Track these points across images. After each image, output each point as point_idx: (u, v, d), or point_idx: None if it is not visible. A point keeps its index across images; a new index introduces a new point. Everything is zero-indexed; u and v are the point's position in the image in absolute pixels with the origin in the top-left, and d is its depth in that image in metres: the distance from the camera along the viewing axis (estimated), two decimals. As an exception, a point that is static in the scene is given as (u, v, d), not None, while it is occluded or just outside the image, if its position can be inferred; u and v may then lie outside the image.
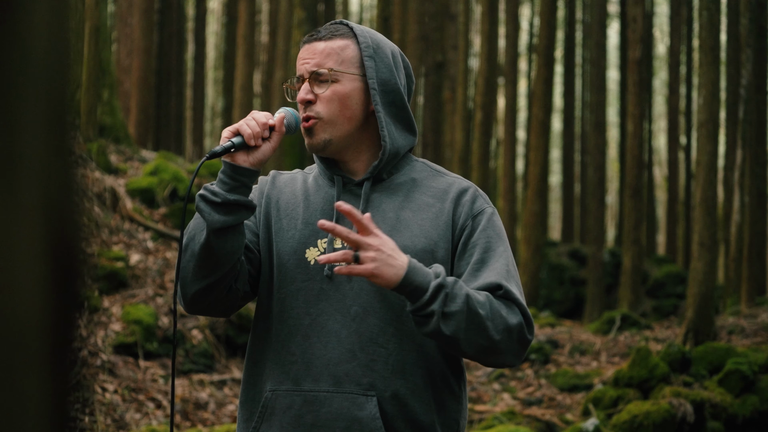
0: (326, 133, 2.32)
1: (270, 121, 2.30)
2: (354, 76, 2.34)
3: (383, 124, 2.33)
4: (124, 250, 8.87)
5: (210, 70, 30.05)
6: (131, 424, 6.71)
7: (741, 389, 7.64)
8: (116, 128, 12.62)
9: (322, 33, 2.36)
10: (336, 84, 2.32)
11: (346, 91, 2.32)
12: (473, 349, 2.20)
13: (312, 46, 2.35)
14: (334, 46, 2.34)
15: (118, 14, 16.81)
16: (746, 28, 12.49)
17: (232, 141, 2.27)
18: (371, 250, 2.10)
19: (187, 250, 2.28)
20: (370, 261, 2.10)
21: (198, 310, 2.35)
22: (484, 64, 16.04)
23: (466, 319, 2.16)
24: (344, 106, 2.32)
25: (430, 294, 2.13)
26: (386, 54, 2.38)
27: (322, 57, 2.33)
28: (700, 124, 9.46)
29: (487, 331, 2.18)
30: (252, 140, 2.26)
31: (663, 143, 31.58)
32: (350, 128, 2.34)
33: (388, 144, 2.34)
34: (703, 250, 9.17)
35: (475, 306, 2.17)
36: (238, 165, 2.26)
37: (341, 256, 2.12)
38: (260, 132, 2.27)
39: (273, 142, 2.30)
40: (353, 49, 2.35)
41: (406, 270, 2.12)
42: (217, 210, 2.23)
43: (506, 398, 8.64)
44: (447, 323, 2.15)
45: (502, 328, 2.21)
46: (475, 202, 2.37)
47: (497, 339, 2.20)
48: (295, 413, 2.30)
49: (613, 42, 26.67)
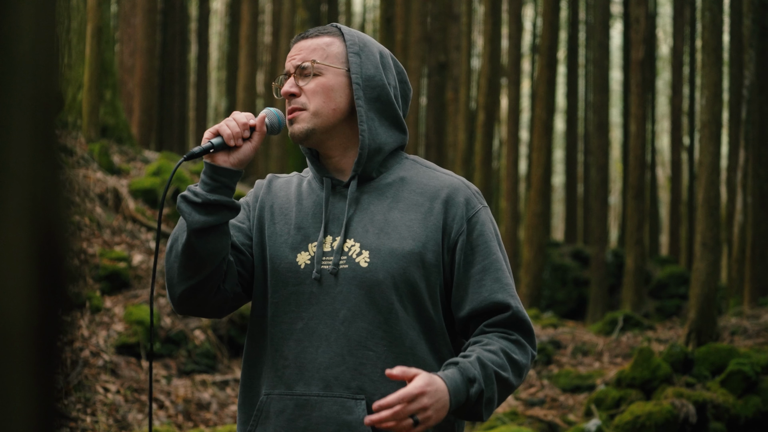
0: (309, 123, 2.33)
1: (251, 121, 2.31)
2: (338, 70, 2.35)
3: (363, 119, 2.34)
4: (126, 250, 8.87)
5: (213, 70, 30.07)
6: (133, 425, 6.71)
7: (743, 390, 7.63)
8: (119, 128, 12.63)
9: (311, 32, 2.39)
10: (320, 77, 2.34)
11: (329, 84, 2.33)
12: (502, 402, 2.35)
13: (299, 44, 2.38)
14: (320, 42, 2.37)
15: (121, 15, 16.82)
16: (749, 28, 12.48)
17: (211, 142, 2.28)
18: (422, 397, 2.11)
19: (172, 251, 2.29)
20: (427, 419, 2.11)
21: (187, 310, 2.36)
22: (487, 64, 16.04)
23: (499, 393, 2.27)
24: (328, 98, 2.33)
25: (473, 402, 2.21)
26: (372, 53, 2.39)
27: (308, 52, 2.35)
28: (703, 124, 9.46)
29: (512, 386, 2.30)
30: (232, 140, 2.27)
31: (666, 144, 31.57)
32: (334, 120, 2.34)
33: (367, 137, 2.34)
34: (705, 251, 9.16)
35: (502, 375, 2.25)
36: (219, 165, 2.27)
37: (394, 414, 2.10)
38: (240, 132, 2.28)
39: (254, 142, 2.31)
40: (339, 46, 2.37)
41: (450, 401, 2.15)
42: (197, 210, 2.24)
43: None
44: (488, 408, 2.26)
45: (520, 374, 2.32)
46: (468, 203, 2.37)
47: (517, 384, 2.32)
48: (288, 417, 2.30)
49: (616, 43, 26.65)
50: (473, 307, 2.32)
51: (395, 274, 2.28)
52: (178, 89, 20.70)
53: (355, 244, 2.31)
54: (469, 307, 2.32)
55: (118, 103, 12.89)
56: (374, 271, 2.28)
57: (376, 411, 2.10)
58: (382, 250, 2.29)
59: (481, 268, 2.32)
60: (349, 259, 2.30)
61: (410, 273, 2.29)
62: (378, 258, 2.29)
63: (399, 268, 2.28)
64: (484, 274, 2.32)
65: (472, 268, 2.33)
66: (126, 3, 16.57)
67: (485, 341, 2.29)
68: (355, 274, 2.29)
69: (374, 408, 2.10)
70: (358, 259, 2.30)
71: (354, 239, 2.32)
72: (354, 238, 2.32)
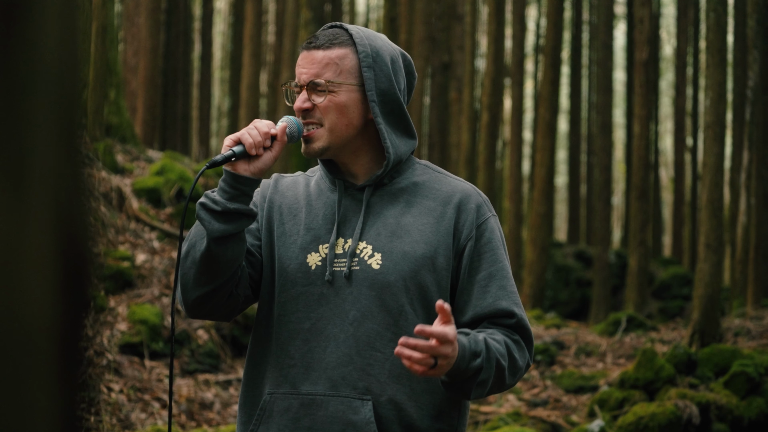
0: (324, 141, 2.33)
1: (272, 131, 2.30)
2: (352, 86, 2.34)
3: (385, 136, 2.34)
4: (130, 249, 8.88)
5: (217, 69, 30.07)
6: (137, 424, 6.71)
7: (747, 391, 7.63)
8: (123, 128, 12.64)
9: (321, 40, 2.35)
10: (333, 94, 2.32)
11: (343, 101, 2.33)
12: (490, 395, 2.35)
13: (310, 54, 2.35)
14: (332, 55, 2.34)
15: (125, 14, 16.83)
16: (753, 29, 12.47)
17: (233, 150, 2.27)
18: (449, 345, 2.11)
19: (188, 257, 2.28)
20: (441, 367, 2.12)
21: (199, 315, 2.36)
22: (491, 64, 16.04)
23: (493, 381, 2.26)
24: (342, 115, 2.33)
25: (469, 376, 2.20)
26: (385, 62, 2.37)
27: (320, 67, 2.33)
28: (707, 125, 9.45)
29: (505, 381, 2.30)
30: (253, 149, 2.26)
31: (669, 145, 31.54)
32: (349, 135, 2.35)
33: (392, 154, 2.35)
34: (709, 252, 9.16)
35: (502, 364, 2.26)
36: (239, 174, 2.27)
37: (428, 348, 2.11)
38: (261, 141, 2.27)
39: (274, 151, 2.30)
40: (352, 59, 2.35)
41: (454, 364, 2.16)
42: (217, 218, 2.24)
43: (512, 399, 8.63)
44: (477, 390, 2.25)
45: (515, 373, 2.32)
46: (479, 210, 2.38)
47: (509, 383, 2.32)
48: (292, 416, 2.30)
49: (620, 43, 26.63)
50: (477, 312, 2.33)
51: (406, 276, 2.28)
52: (182, 88, 20.70)
53: (368, 247, 2.32)
54: (472, 312, 2.33)
55: (121, 102, 12.90)
56: (386, 273, 2.28)
57: (410, 343, 2.09)
58: (394, 252, 2.30)
59: (487, 274, 2.34)
60: (361, 261, 2.31)
61: (421, 276, 2.30)
62: (390, 260, 2.29)
63: (411, 271, 2.29)
64: (489, 281, 2.34)
65: (478, 274, 2.34)
66: (130, 2, 16.58)
67: (491, 331, 2.31)
68: (367, 275, 2.29)
69: (414, 335, 2.11)
70: (370, 261, 2.30)
71: (366, 242, 2.32)
72: (366, 241, 2.32)
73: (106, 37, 11.80)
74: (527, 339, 2.35)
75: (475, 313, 2.32)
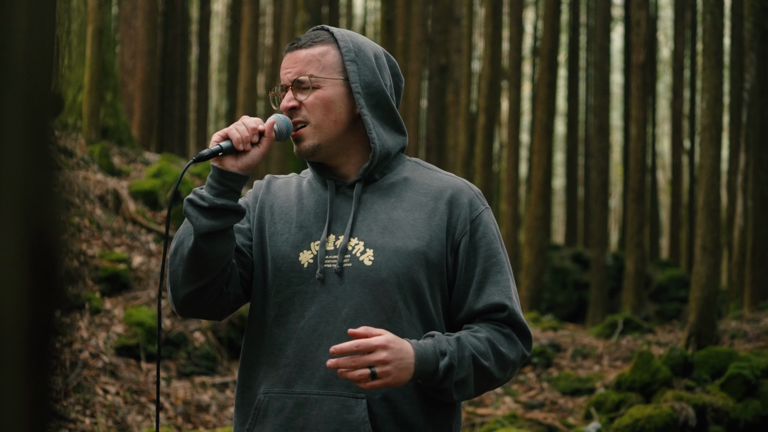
0: (314, 139, 2.33)
1: (260, 127, 2.30)
2: (336, 80, 2.34)
3: (371, 127, 2.34)
4: (126, 252, 8.87)
5: (214, 72, 30.07)
6: (132, 426, 6.70)
7: (743, 393, 7.62)
8: (119, 130, 12.63)
9: (303, 41, 2.37)
10: (318, 90, 2.33)
11: (329, 96, 2.33)
12: (481, 393, 2.33)
13: (293, 54, 2.36)
14: (314, 52, 2.35)
15: (122, 16, 16.82)
16: (750, 32, 12.48)
17: (220, 145, 2.26)
18: (382, 350, 2.13)
19: (176, 254, 2.28)
20: (385, 375, 2.14)
21: (189, 313, 2.35)
22: (488, 67, 16.04)
23: (476, 379, 2.26)
24: (329, 110, 2.33)
25: (441, 376, 2.21)
26: (368, 56, 2.38)
27: (303, 65, 2.34)
28: (704, 128, 9.45)
29: (493, 377, 2.29)
30: (240, 144, 2.26)
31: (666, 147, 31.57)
32: (337, 132, 2.35)
33: (378, 146, 2.35)
34: (706, 254, 9.16)
35: (481, 362, 2.25)
36: (227, 169, 2.26)
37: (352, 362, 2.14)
38: (249, 137, 2.27)
39: (262, 147, 2.30)
40: (334, 54, 2.36)
41: (414, 365, 2.17)
42: (204, 214, 2.24)
43: (508, 401, 8.63)
44: (459, 390, 2.25)
45: (505, 367, 2.31)
46: (471, 204, 2.37)
47: (500, 378, 2.31)
48: (286, 415, 2.30)
49: (617, 46, 26.65)
50: (471, 308, 2.33)
51: (399, 272, 2.28)
52: (179, 91, 20.70)
53: (359, 243, 2.31)
54: (467, 308, 2.34)
55: (118, 104, 12.89)
56: (378, 270, 2.28)
57: (334, 356, 2.14)
58: (386, 248, 2.30)
59: (482, 269, 2.34)
60: (353, 258, 2.30)
61: (414, 272, 2.29)
62: (382, 256, 2.29)
63: (403, 266, 2.28)
64: (484, 276, 2.33)
65: (474, 270, 2.34)
66: (127, 5, 16.57)
67: (475, 328, 2.31)
68: (359, 272, 2.29)
69: (332, 352, 2.13)
70: (362, 258, 2.30)
71: (358, 238, 2.32)
72: (358, 237, 2.32)
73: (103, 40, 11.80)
74: (520, 331, 2.34)
75: (470, 309, 2.33)
